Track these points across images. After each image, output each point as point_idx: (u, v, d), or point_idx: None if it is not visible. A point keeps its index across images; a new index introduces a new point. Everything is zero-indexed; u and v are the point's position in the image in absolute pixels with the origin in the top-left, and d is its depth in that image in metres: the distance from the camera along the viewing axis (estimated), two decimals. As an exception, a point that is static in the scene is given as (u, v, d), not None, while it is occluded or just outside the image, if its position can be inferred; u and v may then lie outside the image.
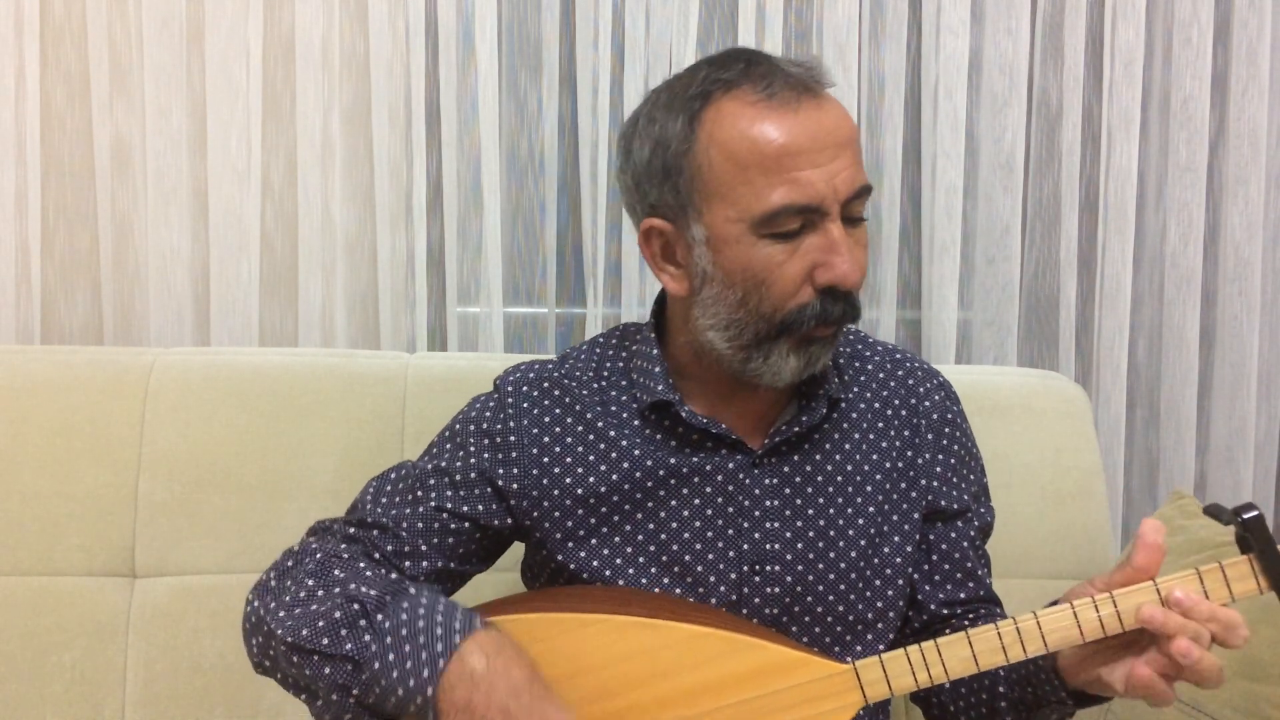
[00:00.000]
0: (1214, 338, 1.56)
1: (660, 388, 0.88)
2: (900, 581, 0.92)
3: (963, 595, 0.94)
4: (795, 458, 0.91)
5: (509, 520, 0.91)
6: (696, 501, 0.89)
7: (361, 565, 0.84)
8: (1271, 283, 1.56)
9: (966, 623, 0.93)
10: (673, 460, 0.89)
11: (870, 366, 0.97)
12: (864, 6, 1.49)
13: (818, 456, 0.91)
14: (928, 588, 0.94)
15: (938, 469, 0.95)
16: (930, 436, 0.95)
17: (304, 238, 1.43)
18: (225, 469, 1.23)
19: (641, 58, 1.44)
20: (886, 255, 1.52)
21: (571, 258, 1.53)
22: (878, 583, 0.90)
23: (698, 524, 0.88)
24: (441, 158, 1.46)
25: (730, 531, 0.88)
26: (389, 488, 0.91)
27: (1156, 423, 1.57)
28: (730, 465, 0.89)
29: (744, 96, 0.81)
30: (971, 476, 0.98)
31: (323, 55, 1.42)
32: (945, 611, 0.94)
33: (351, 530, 0.89)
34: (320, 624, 0.77)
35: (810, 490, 0.90)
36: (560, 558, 0.89)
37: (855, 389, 0.95)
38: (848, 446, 0.92)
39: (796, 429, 0.89)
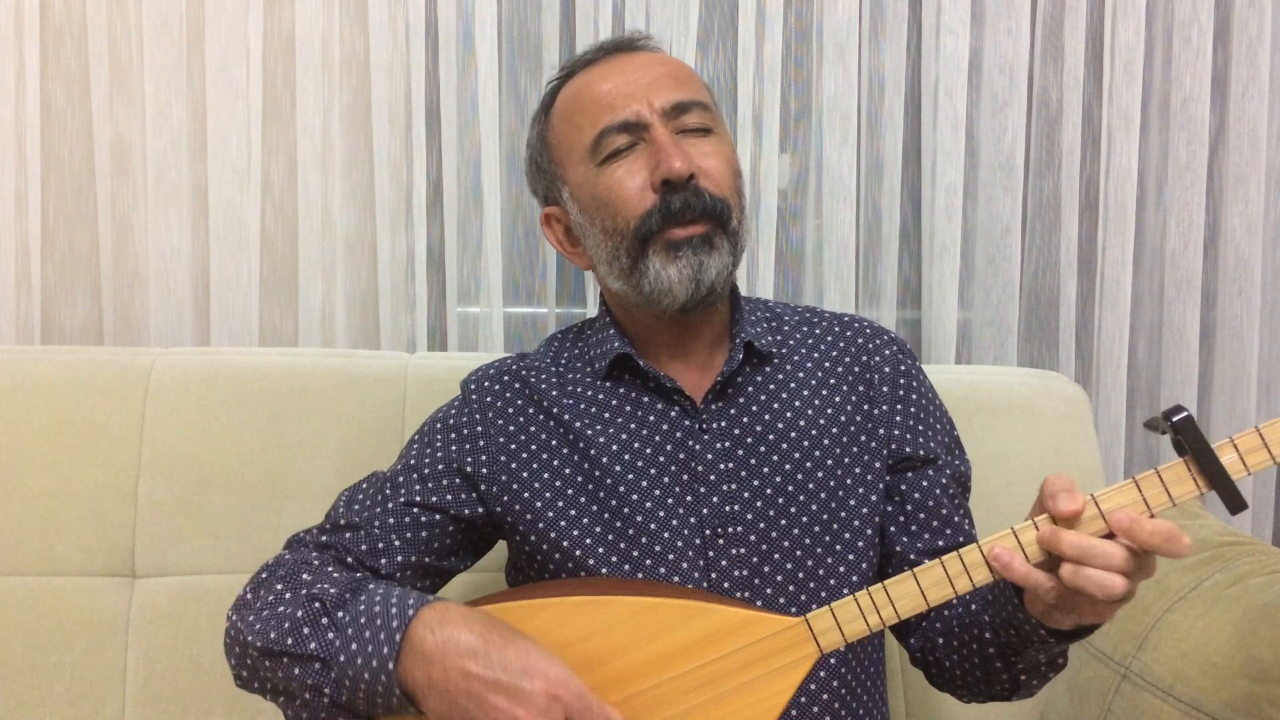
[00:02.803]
0: (1214, 338, 1.56)
1: (617, 344, 0.95)
2: (869, 532, 0.93)
3: (942, 543, 0.95)
4: (744, 420, 0.93)
5: (480, 509, 0.93)
6: (653, 471, 0.91)
7: (330, 569, 0.85)
8: (1271, 283, 1.56)
9: None
10: (624, 436, 0.92)
11: (819, 331, 1.01)
12: (864, 6, 1.49)
13: (766, 417, 0.94)
14: (905, 538, 0.95)
15: (897, 418, 0.97)
16: (885, 389, 0.97)
17: (304, 238, 1.43)
18: (225, 469, 1.23)
19: (641, 58, 1.44)
20: (886, 255, 1.52)
21: (571, 258, 1.53)
22: (846, 535, 0.92)
23: (656, 493, 0.90)
24: (441, 158, 1.46)
25: (688, 498, 0.90)
26: (360, 495, 0.95)
27: (1156, 423, 1.57)
28: (679, 433, 0.92)
29: (572, 78, 0.96)
30: (938, 426, 0.99)
31: (323, 55, 1.42)
32: (927, 560, 0.93)
33: (324, 538, 0.92)
34: (285, 625, 0.79)
35: (763, 449, 0.92)
36: (534, 539, 0.91)
37: (803, 350, 0.99)
38: (797, 404, 0.95)
39: (720, 379, 0.93)
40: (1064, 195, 1.51)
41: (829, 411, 0.95)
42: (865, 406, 0.96)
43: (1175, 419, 0.72)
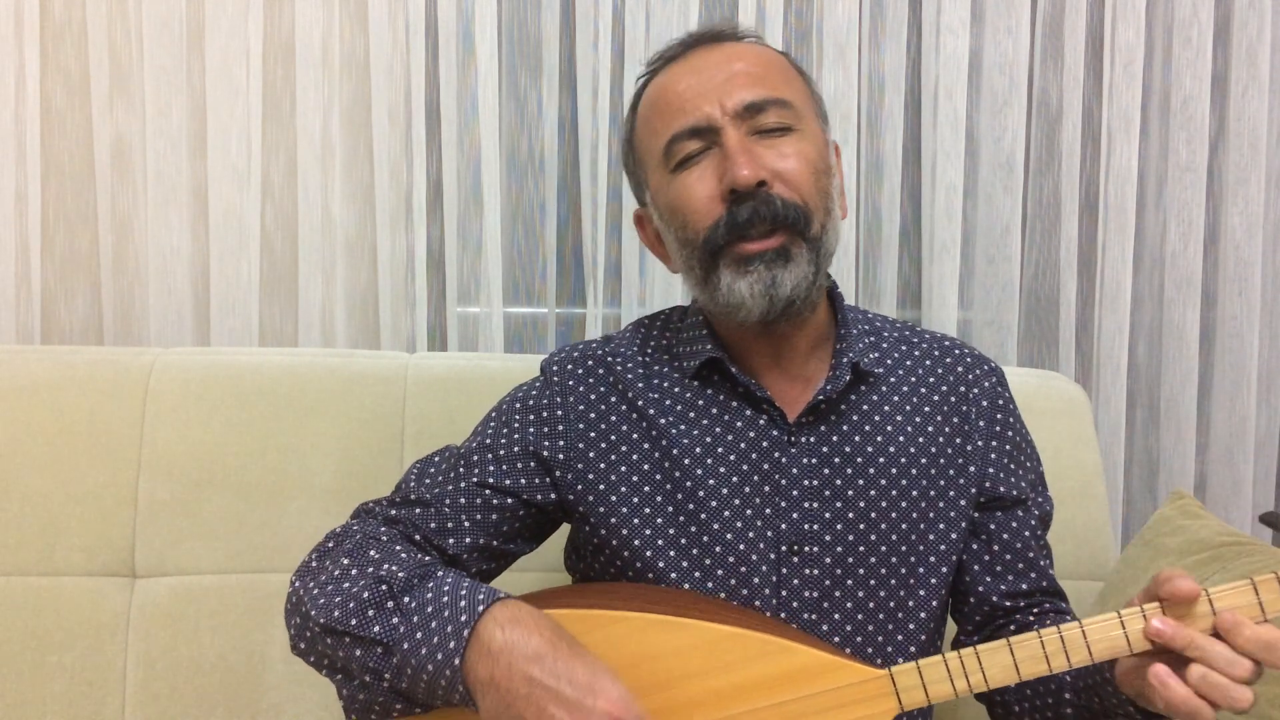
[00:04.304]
0: (1214, 338, 1.56)
1: (709, 346, 0.91)
2: (945, 570, 0.90)
3: (1025, 586, 0.92)
4: (834, 439, 0.90)
5: (553, 495, 0.91)
6: (734, 479, 0.88)
7: (398, 548, 0.83)
8: (1271, 283, 1.56)
9: (1032, 617, 0.92)
10: (708, 439, 0.89)
11: (917, 353, 0.97)
12: (864, 6, 1.49)
13: (857, 438, 0.90)
14: (989, 579, 0.92)
15: (992, 455, 0.93)
16: (982, 424, 0.94)
17: (304, 238, 1.43)
18: (225, 469, 1.23)
19: (641, 58, 1.44)
20: (886, 255, 1.52)
21: (571, 258, 1.53)
22: (922, 570, 0.89)
23: (736, 502, 0.87)
24: (441, 158, 1.46)
25: (768, 511, 0.87)
26: (432, 469, 0.92)
27: (1156, 423, 1.57)
28: (765, 443, 0.89)
29: (657, 75, 0.92)
30: (1029, 464, 0.97)
31: (323, 55, 1.42)
32: (1008, 604, 0.92)
33: (393, 512, 0.89)
34: (351, 605, 0.77)
35: (850, 471, 0.89)
36: (604, 532, 0.89)
37: (901, 371, 0.95)
38: (890, 428, 0.92)
39: (821, 398, 0.89)
40: (1064, 195, 1.51)
41: (921, 440, 0.91)
42: (958, 440, 0.93)
43: None
